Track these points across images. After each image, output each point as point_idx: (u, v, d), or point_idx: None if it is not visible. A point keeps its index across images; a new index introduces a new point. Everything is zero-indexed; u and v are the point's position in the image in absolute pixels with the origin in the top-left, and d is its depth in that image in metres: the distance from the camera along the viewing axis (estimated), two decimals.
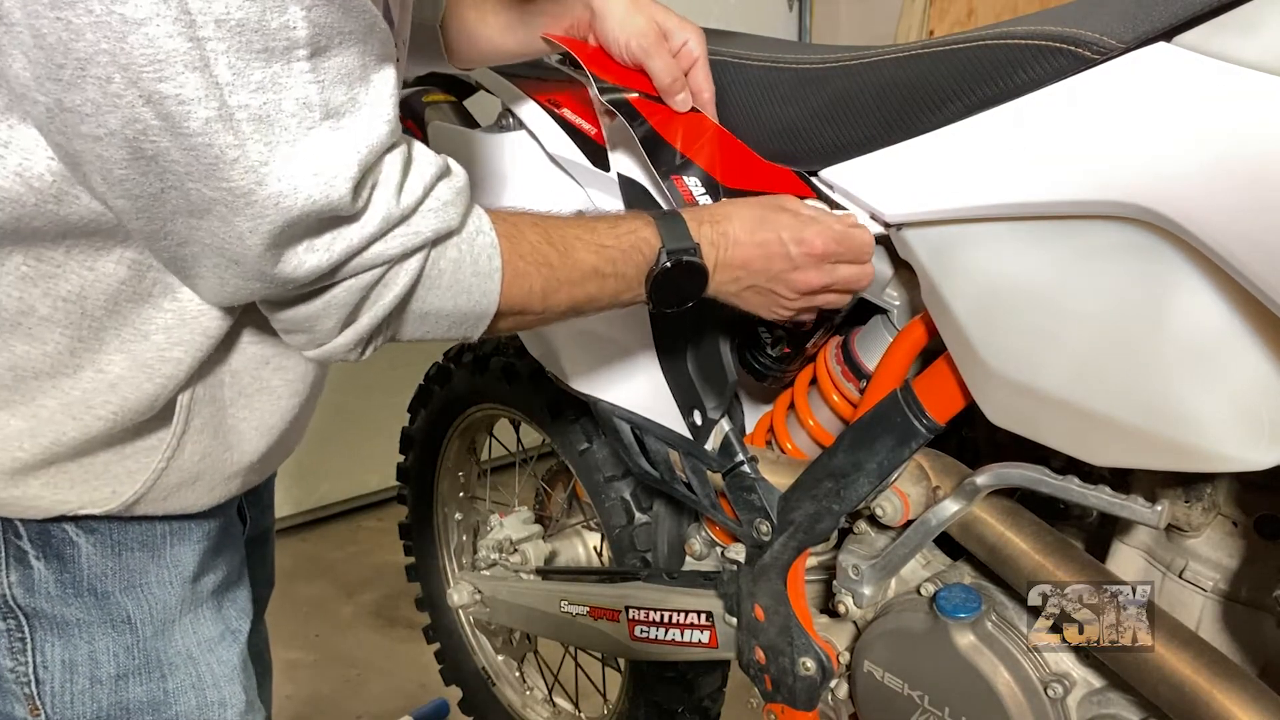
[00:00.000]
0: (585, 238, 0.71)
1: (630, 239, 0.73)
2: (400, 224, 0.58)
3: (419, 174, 0.60)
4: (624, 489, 1.16)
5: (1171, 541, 0.75)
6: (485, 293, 0.65)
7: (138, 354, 0.60)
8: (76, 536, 0.65)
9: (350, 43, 0.52)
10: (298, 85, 0.50)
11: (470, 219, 0.64)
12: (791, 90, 0.85)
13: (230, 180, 0.50)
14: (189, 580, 0.70)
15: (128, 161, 0.50)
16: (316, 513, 2.57)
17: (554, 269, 0.69)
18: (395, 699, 1.85)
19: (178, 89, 0.47)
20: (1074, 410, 0.67)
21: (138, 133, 0.48)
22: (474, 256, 0.64)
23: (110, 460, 0.63)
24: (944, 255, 0.74)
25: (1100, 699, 0.74)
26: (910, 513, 0.82)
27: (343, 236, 0.55)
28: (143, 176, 0.50)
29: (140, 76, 0.46)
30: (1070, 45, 0.64)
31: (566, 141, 1.00)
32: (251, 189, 0.51)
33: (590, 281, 0.71)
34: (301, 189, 0.52)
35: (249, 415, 0.68)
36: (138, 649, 0.68)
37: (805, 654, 0.92)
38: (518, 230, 0.68)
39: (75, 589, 0.65)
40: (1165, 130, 0.58)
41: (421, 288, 0.62)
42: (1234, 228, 0.55)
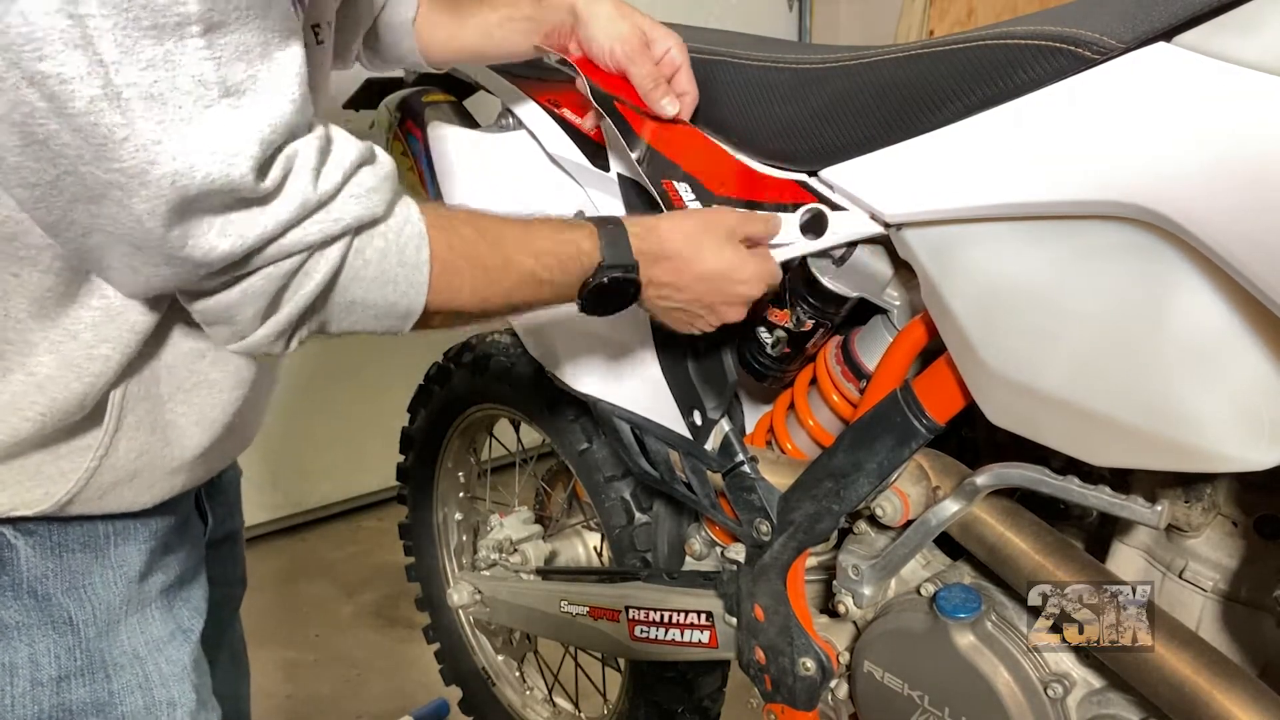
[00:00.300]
0: (523, 241, 0.71)
1: (570, 249, 0.73)
2: (318, 209, 0.57)
3: (338, 159, 0.58)
4: (624, 489, 1.16)
5: (1171, 541, 0.75)
6: (413, 284, 0.64)
7: (66, 354, 0.59)
8: (14, 539, 0.64)
9: (248, 19, 0.51)
10: (191, 62, 0.49)
11: (398, 208, 0.63)
12: (791, 90, 0.85)
13: (121, 160, 0.49)
14: (135, 580, 0.69)
15: (20, 148, 0.48)
16: (316, 513, 2.57)
17: (487, 270, 0.68)
18: (395, 699, 1.85)
19: (59, 68, 0.46)
20: (1074, 410, 0.67)
21: (25, 116, 0.47)
22: (400, 246, 0.62)
23: (42, 461, 0.62)
24: (944, 255, 0.74)
25: (1100, 699, 0.74)
26: (910, 513, 0.82)
27: (256, 221, 0.54)
28: (36, 163, 0.49)
29: (20, 57, 0.45)
30: (1070, 45, 0.64)
31: (566, 141, 1.00)
32: (144, 168, 0.49)
33: (526, 286, 0.71)
34: (198, 166, 0.50)
35: (188, 410, 0.67)
36: (80, 650, 0.67)
37: (805, 654, 0.92)
38: (450, 225, 0.67)
39: (14, 591, 0.64)
40: (1165, 130, 0.58)
41: (344, 277, 0.60)
42: (1234, 228, 0.55)
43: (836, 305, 0.87)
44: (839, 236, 0.82)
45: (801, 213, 0.83)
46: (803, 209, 0.83)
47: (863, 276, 0.86)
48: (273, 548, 2.48)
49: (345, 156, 0.59)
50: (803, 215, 0.83)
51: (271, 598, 2.24)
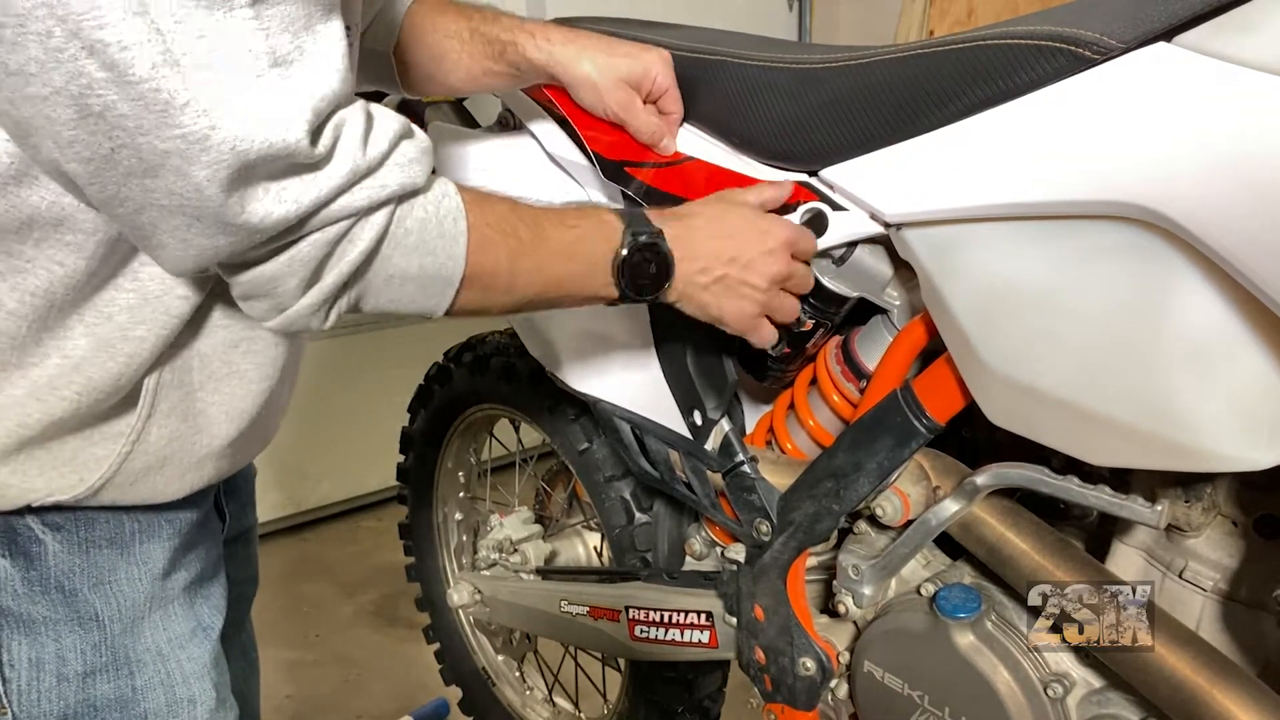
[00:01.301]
0: (552, 216, 0.72)
1: (594, 220, 0.74)
2: (366, 176, 0.58)
3: (383, 129, 0.59)
4: (624, 489, 1.16)
5: (1171, 541, 0.75)
6: (451, 255, 0.64)
7: (101, 335, 0.60)
8: (43, 534, 0.65)
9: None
10: (242, 33, 0.50)
11: (436, 182, 0.64)
12: (791, 90, 0.85)
13: (182, 126, 0.49)
14: (159, 577, 0.70)
15: (75, 121, 0.49)
16: (316, 513, 2.57)
17: (521, 241, 0.69)
18: (395, 699, 1.85)
19: (119, 35, 0.46)
20: (1074, 410, 0.67)
21: (83, 88, 0.47)
22: (440, 218, 0.63)
23: (78, 446, 0.63)
24: (944, 255, 0.74)
25: (1100, 699, 0.74)
26: (910, 513, 0.82)
27: (310, 187, 0.55)
28: (91, 136, 0.49)
29: (80, 26, 0.46)
30: (1070, 45, 0.64)
31: (566, 142, 1.00)
32: (205, 134, 0.50)
33: (558, 261, 0.71)
34: (257, 132, 0.51)
35: (218, 399, 0.68)
36: (105, 646, 0.68)
37: (805, 654, 0.92)
38: (484, 199, 0.68)
39: (42, 586, 0.65)
40: (1165, 130, 0.58)
41: (387, 245, 0.61)
42: (1234, 228, 0.55)
43: (836, 305, 0.87)
44: (839, 236, 0.82)
45: (802, 212, 0.83)
46: (803, 209, 0.83)
47: (863, 276, 0.86)
48: (273, 548, 2.48)
49: (389, 127, 0.60)
50: (803, 215, 0.83)
51: (271, 598, 2.24)
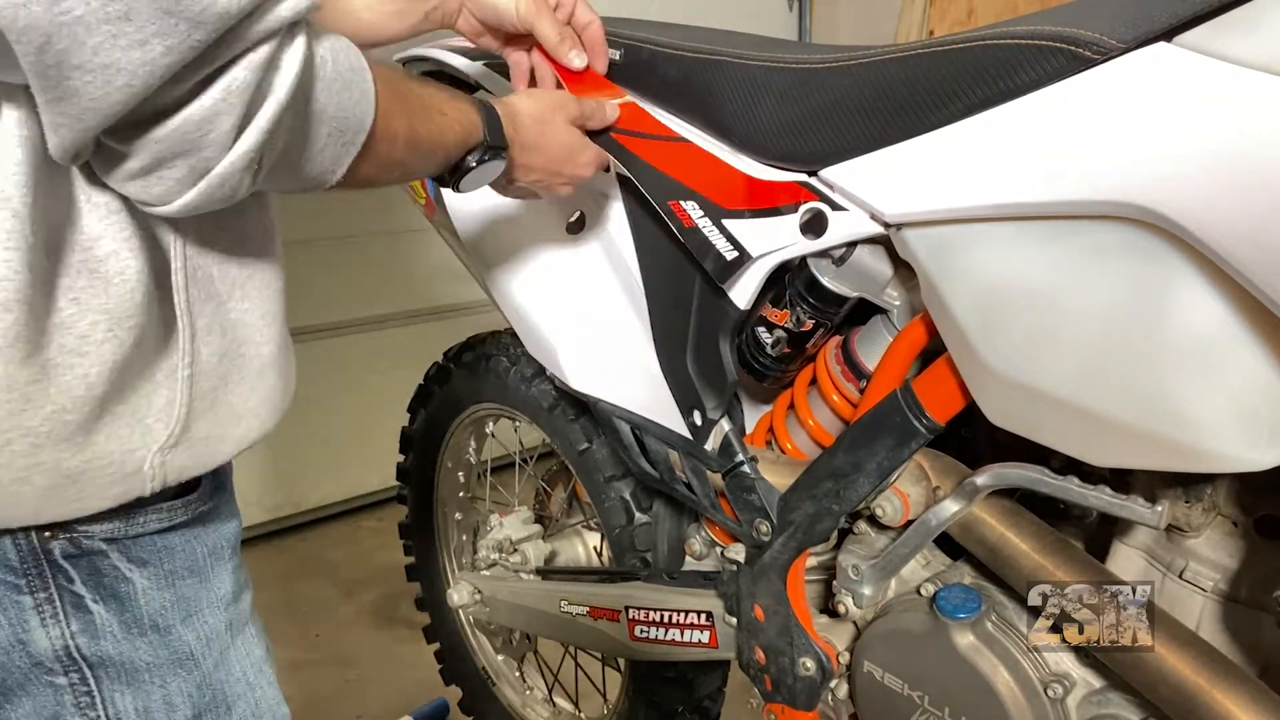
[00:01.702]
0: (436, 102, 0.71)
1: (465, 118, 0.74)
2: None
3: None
4: (624, 489, 1.16)
5: (1171, 542, 0.75)
6: (364, 92, 0.60)
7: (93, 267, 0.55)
8: (129, 571, 0.61)
9: None
10: None
11: None
12: (791, 90, 0.85)
13: None
14: (231, 601, 0.68)
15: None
16: (316, 512, 2.57)
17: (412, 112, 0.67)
18: (395, 699, 1.85)
19: None
20: (1074, 410, 0.67)
21: None
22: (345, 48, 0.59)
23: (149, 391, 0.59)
24: (944, 255, 0.74)
25: (1100, 699, 0.74)
26: (910, 513, 0.82)
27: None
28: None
29: None
30: (1070, 45, 0.64)
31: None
32: None
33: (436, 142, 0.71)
34: None
35: (249, 305, 0.64)
36: (206, 685, 0.65)
37: (805, 654, 0.92)
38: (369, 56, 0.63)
39: (139, 628, 0.62)
40: (1165, 130, 0.58)
41: (309, 75, 0.55)
42: (1234, 228, 0.55)
43: (836, 305, 0.87)
44: (839, 236, 0.82)
45: (801, 212, 0.83)
46: (803, 209, 0.83)
47: (862, 276, 0.85)
48: (273, 548, 2.48)
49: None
50: (803, 215, 0.83)
51: (271, 598, 2.24)
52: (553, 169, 0.85)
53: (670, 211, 0.88)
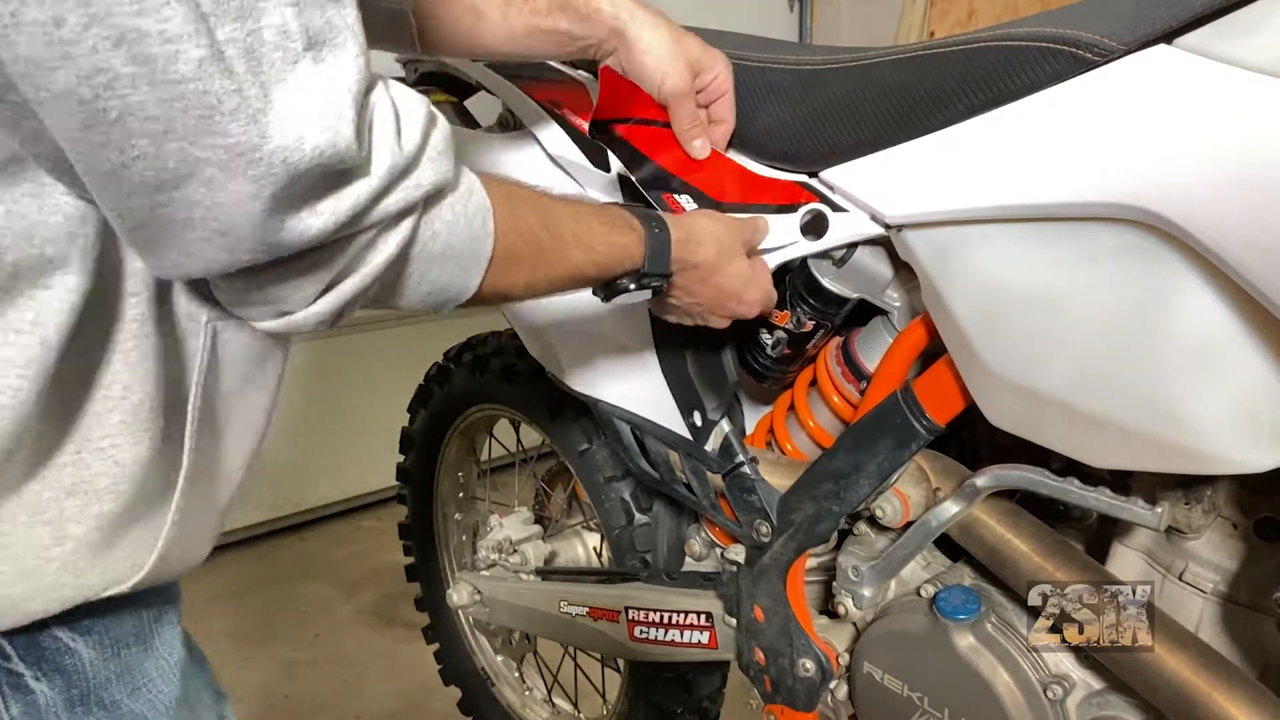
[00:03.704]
0: (579, 235, 0.68)
1: (620, 253, 0.71)
2: (403, 176, 0.50)
3: (411, 115, 0.51)
4: (624, 490, 1.16)
5: (1171, 543, 0.75)
6: (476, 260, 0.58)
7: None
8: (72, 642, 0.55)
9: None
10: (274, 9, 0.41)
11: (462, 174, 0.57)
12: (792, 91, 0.85)
13: (229, 135, 0.41)
14: (180, 664, 0.62)
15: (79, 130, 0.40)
16: (316, 512, 2.57)
17: (544, 256, 0.64)
18: (395, 699, 1.85)
19: (162, 24, 0.38)
20: (1074, 412, 0.67)
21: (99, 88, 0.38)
22: (468, 218, 0.56)
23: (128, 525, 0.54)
24: (944, 257, 0.74)
25: (1100, 701, 0.74)
26: (910, 514, 0.82)
27: (349, 194, 0.47)
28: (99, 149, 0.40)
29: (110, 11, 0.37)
30: (1071, 47, 0.64)
31: (567, 142, 1.00)
32: (255, 143, 0.42)
33: (570, 280, 0.69)
34: (307, 139, 0.43)
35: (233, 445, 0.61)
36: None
37: (805, 655, 0.92)
38: (511, 202, 0.61)
39: (84, 705, 0.56)
40: (1166, 133, 0.58)
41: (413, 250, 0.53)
42: (1235, 230, 0.55)
43: (837, 306, 0.87)
44: (839, 237, 0.82)
45: (802, 213, 0.83)
46: (803, 209, 0.83)
47: (863, 278, 0.86)
48: (273, 548, 2.48)
49: (417, 112, 0.51)
50: (803, 216, 0.83)
51: (271, 598, 2.24)
52: (720, 300, 0.80)
53: (664, 205, 0.87)
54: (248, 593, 2.26)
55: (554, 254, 0.65)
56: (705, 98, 0.86)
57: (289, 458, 2.42)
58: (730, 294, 0.81)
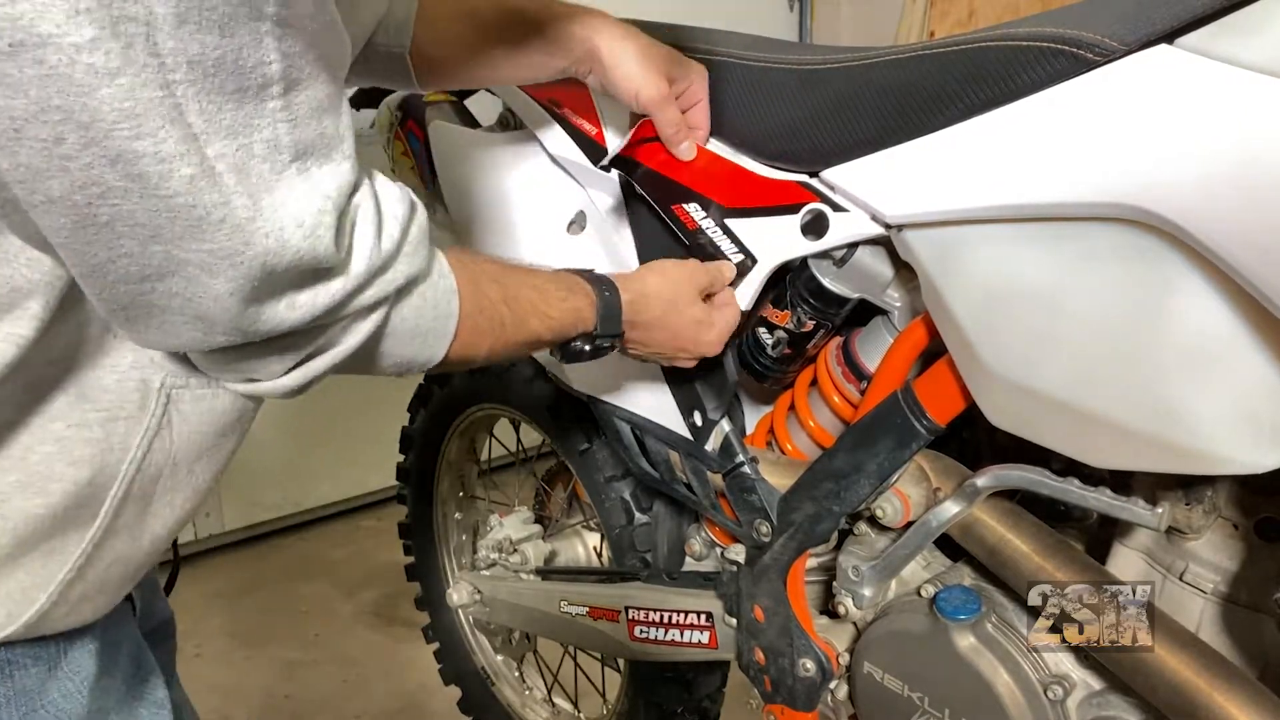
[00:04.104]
0: (537, 305, 0.71)
1: (572, 317, 0.75)
2: (380, 273, 0.54)
3: (392, 214, 0.55)
4: (624, 489, 1.16)
5: (1172, 544, 0.75)
6: (440, 338, 0.62)
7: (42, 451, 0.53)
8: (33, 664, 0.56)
9: (319, 70, 0.47)
10: (271, 124, 0.45)
11: (434, 262, 0.60)
12: (793, 91, 0.85)
13: (215, 242, 0.44)
14: (93, 685, 0.60)
15: (70, 229, 0.42)
16: (316, 512, 2.57)
17: (504, 328, 0.67)
18: (395, 699, 1.85)
19: (156, 146, 0.40)
20: (1074, 412, 0.67)
21: (92, 198, 0.41)
22: (435, 303, 0.60)
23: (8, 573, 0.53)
24: (945, 257, 0.74)
25: (1100, 701, 0.74)
26: (910, 514, 0.82)
27: (325, 291, 0.50)
28: (87, 246, 0.43)
29: (110, 134, 0.39)
30: (1071, 47, 0.64)
31: (567, 141, 1.00)
32: (238, 249, 0.45)
33: (529, 345, 0.73)
34: (290, 243, 0.46)
35: (168, 511, 0.60)
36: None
37: (805, 655, 0.92)
38: (476, 280, 0.65)
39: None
40: (1166, 133, 0.58)
41: (383, 334, 0.57)
42: (1235, 230, 0.55)
43: (837, 306, 0.87)
44: (840, 237, 0.82)
45: (802, 213, 0.83)
46: (804, 210, 0.83)
47: (863, 277, 0.85)
48: (273, 547, 2.48)
49: (397, 210, 0.55)
50: (804, 216, 0.83)
51: (271, 598, 2.24)
52: (677, 345, 0.84)
53: (674, 216, 0.88)
54: (248, 593, 2.27)
55: (513, 326, 0.69)
56: (680, 105, 0.89)
57: (289, 458, 2.42)
58: (686, 340, 0.84)
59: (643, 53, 0.85)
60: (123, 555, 0.58)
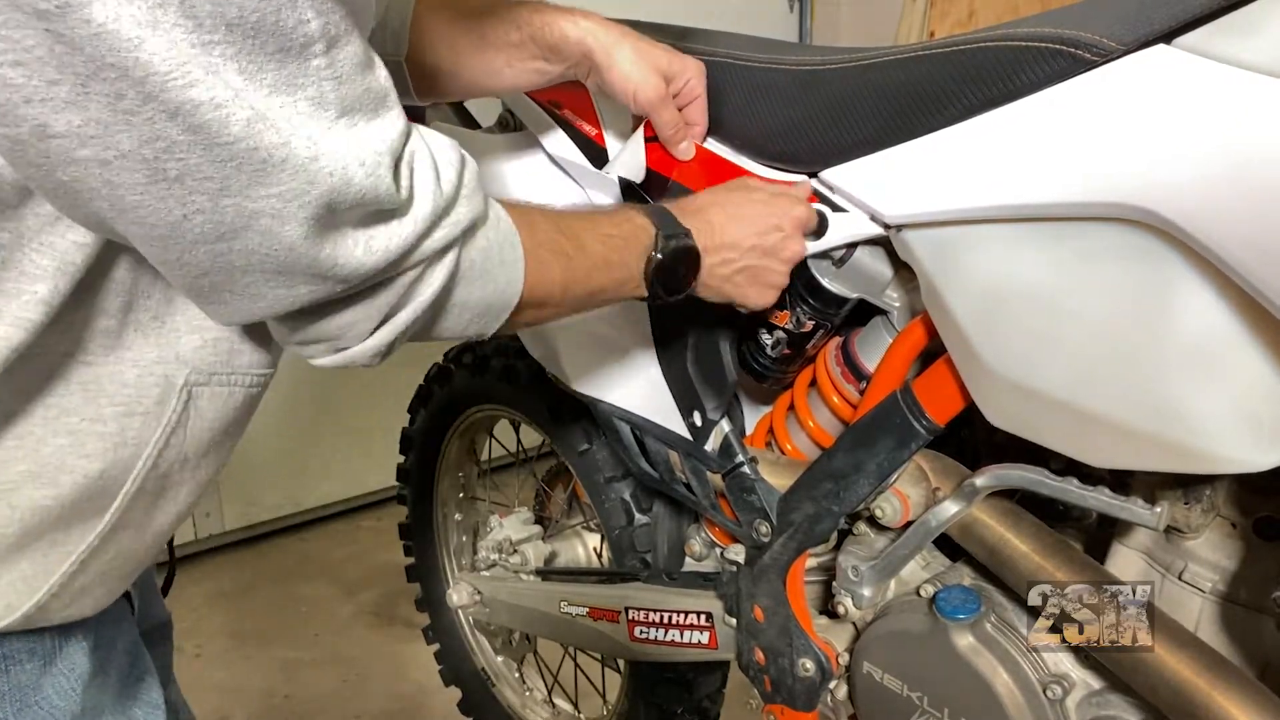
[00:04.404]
0: (591, 228, 0.71)
1: (628, 226, 0.74)
2: (445, 214, 0.55)
3: (445, 158, 0.56)
4: (624, 490, 1.16)
5: (1171, 543, 0.75)
6: (511, 280, 0.63)
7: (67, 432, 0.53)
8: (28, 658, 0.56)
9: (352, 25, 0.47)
10: (312, 84, 0.45)
11: (490, 206, 0.62)
12: (792, 91, 0.85)
13: (280, 184, 0.45)
14: (87, 682, 0.60)
15: (144, 185, 0.43)
16: (316, 512, 2.57)
17: (569, 258, 0.68)
18: (395, 699, 1.85)
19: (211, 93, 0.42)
20: (1073, 412, 0.67)
21: (159, 152, 0.42)
22: (499, 244, 0.62)
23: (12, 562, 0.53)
24: (944, 257, 0.74)
25: (1099, 700, 0.74)
26: (910, 514, 0.82)
27: (397, 232, 0.52)
28: (161, 202, 0.44)
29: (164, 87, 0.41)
30: (1070, 47, 0.64)
31: (566, 142, 1.00)
32: (304, 189, 0.46)
33: (601, 271, 0.71)
34: (353, 180, 0.47)
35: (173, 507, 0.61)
36: None
37: (805, 655, 0.92)
38: (530, 219, 0.67)
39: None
40: (1165, 132, 0.58)
41: (456, 280, 0.58)
42: (1233, 230, 0.55)
43: (836, 306, 0.87)
44: (839, 237, 0.82)
45: None
46: None
47: (863, 277, 0.86)
48: (273, 548, 2.48)
49: (450, 156, 0.57)
50: None
51: (271, 598, 2.24)
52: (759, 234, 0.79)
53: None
54: (248, 593, 2.27)
55: (577, 253, 0.69)
56: (678, 102, 0.88)
57: (289, 458, 2.42)
58: (758, 214, 0.80)
59: (639, 54, 0.85)
60: (126, 549, 0.59)
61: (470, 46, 0.87)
